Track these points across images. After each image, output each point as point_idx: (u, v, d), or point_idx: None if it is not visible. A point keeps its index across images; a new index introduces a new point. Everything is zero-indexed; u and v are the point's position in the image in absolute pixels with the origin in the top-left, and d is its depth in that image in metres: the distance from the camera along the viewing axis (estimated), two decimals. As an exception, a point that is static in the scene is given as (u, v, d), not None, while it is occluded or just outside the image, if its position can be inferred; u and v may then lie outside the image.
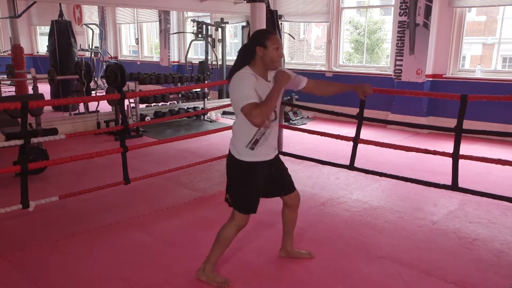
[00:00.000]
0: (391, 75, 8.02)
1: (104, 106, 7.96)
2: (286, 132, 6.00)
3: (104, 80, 8.32)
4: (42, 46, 15.92)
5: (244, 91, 2.40)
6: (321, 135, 5.19)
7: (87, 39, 13.64)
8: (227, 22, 9.98)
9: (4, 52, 13.61)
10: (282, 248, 3.11)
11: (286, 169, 2.86)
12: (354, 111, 4.61)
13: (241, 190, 2.65)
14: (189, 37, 11.90)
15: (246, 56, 2.54)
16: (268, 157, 2.65)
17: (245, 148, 2.55)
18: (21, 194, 3.57)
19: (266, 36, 2.49)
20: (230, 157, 2.65)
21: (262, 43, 2.47)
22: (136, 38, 13.87)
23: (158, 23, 12.84)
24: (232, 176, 2.67)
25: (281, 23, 9.69)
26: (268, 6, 8.31)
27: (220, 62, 10.15)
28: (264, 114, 2.36)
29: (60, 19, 9.18)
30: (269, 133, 2.58)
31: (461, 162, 3.97)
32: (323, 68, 9.55)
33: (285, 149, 5.80)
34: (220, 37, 10.07)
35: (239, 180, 2.63)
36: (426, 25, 7.40)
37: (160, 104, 8.52)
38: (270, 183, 2.73)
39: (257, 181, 2.63)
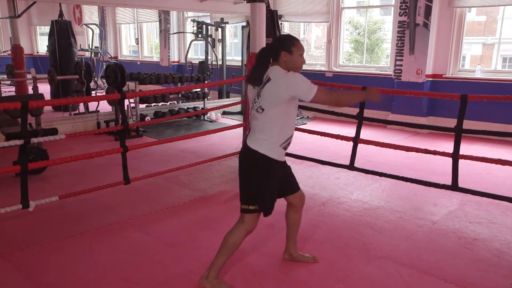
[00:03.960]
0: (391, 75, 8.02)
1: (104, 106, 7.96)
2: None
3: (104, 80, 8.32)
4: (42, 46, 15.91)
5: (305, 82, 2.46)
6: (321, 135, 5.18)
7: (87, 39, 13.64)
8: (227, 22, 9.98)
9: (4, 52, 13.61)
10: (286, 251, 3.07)
11: (291, 169, 2.90)
12: (354, 111, 4.61)
13: (264, 186, 2.58)
14: (189, 37, 11.90)
15: (268, 58, 2.59)
16: (284, 158, 2.69)
17: (278, 146, 2.57)
18: (21, 194, 3.57)
19: (292, 42, 2.57)
20: (253, 153, 2.53)
21: (288, 48, 2.54)
22: (136, 38, 13.87)
23: (158, 23, 12.85)
24: (253, 172, 2.57)
25: (281, 23, 9.68)
26: (268, 6, 8.31)
27: (220, 62, 10.15)
28: (343, 102, 2.54)
29: (60, 19, 9.17)
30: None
31: (461, 162, 3.97)
32: (323, 68, 9.55)
33: (285, 149, 5.80)
34: (220, 37, 10.07)
35: (263, 176, 2.57)
36: (426, 25, 7.40)
37: (160, 104, 8.52)
38: (281, 183, 2.73)
39: (277, 180, 2.65)
